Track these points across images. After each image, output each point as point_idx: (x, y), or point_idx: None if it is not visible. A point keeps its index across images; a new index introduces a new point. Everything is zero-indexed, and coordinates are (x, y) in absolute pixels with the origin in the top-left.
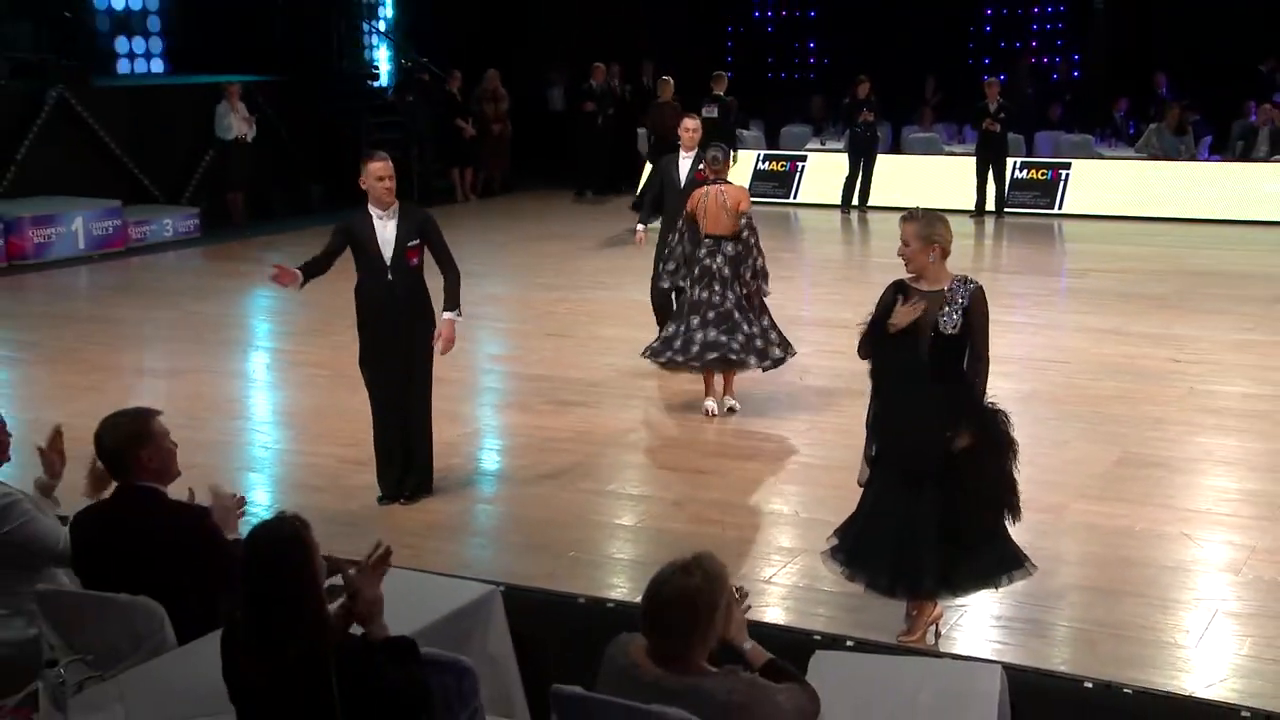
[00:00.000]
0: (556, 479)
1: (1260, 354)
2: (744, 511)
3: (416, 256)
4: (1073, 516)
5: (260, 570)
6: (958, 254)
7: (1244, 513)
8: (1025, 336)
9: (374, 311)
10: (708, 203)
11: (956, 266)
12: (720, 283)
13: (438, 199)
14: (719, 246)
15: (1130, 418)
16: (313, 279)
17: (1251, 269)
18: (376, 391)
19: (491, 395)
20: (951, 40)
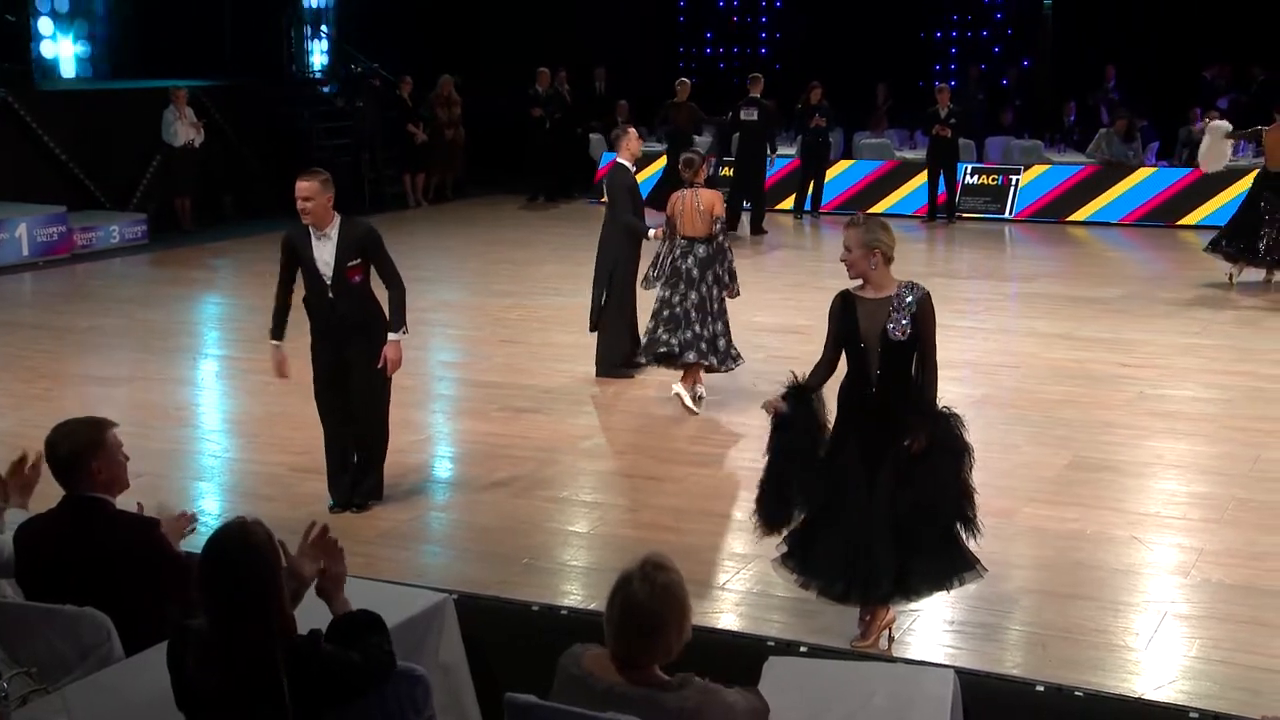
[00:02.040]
0: (510, 486)
1: (1207, 358)
2: (698, 518)
3: (358, 275)
4: (1024, 520)
5: (219, 576)
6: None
7: (1192, 515)
8: (976, 341)
9: (319, 328)
10: (684, 206)
11: (909, 271)
12: (687, 283)
13: (389, 204)
14: (692, 248)
15: (1081, 422)
16: (286, 319)
17: (1198, 273)
18: (323, 402)
19: (444, 402)
20: (903, 46)
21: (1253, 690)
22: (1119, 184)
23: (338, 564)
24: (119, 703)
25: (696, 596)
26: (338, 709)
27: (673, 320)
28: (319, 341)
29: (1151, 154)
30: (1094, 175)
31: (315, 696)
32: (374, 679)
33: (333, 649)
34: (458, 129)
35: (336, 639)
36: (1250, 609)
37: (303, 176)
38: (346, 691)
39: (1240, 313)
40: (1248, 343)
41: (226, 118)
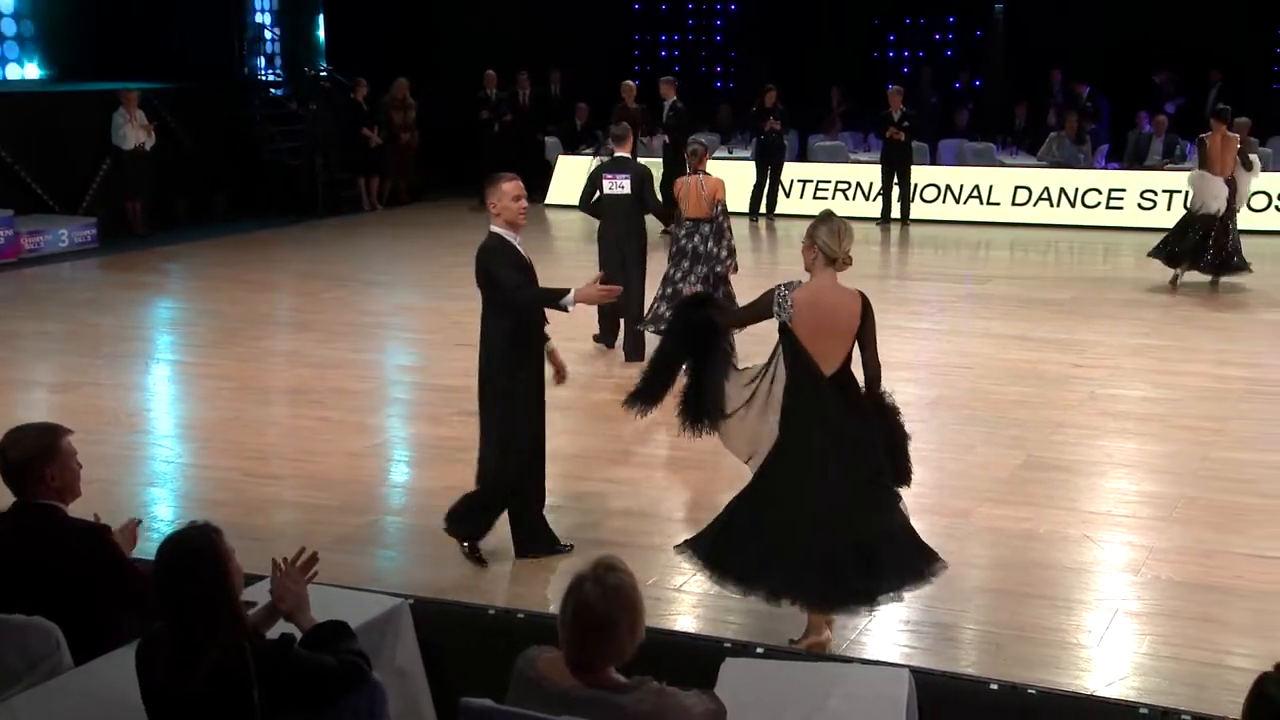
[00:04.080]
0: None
1: (1156, 358)
2: (656, 520)
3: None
4: (979, 520)
5: (175, 578)
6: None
7: (1142, 514)
8: (931, 342)
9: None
10: (689, 190)
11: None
12: (690, 259)
13: (344, 208)
14: (697, 228)
15: (1034, 422)
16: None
17: (1146, 275)
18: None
19: (400, 406)
20: (856, 50)
21: (1200, 685)
22: (1070, 186)
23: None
24: (68, 713)
25: (653, 599)
26: (310, 714)
27: (677, 295)
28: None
29: (1101, 156)
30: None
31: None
32: (349, 682)
33: (306, 653)
34: (412, 132)
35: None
36: (1198, 605)
37: (506, 179)
38: (322, 695)
39: (1187, 314)
40: (1194, 343)
41: (178, 120)
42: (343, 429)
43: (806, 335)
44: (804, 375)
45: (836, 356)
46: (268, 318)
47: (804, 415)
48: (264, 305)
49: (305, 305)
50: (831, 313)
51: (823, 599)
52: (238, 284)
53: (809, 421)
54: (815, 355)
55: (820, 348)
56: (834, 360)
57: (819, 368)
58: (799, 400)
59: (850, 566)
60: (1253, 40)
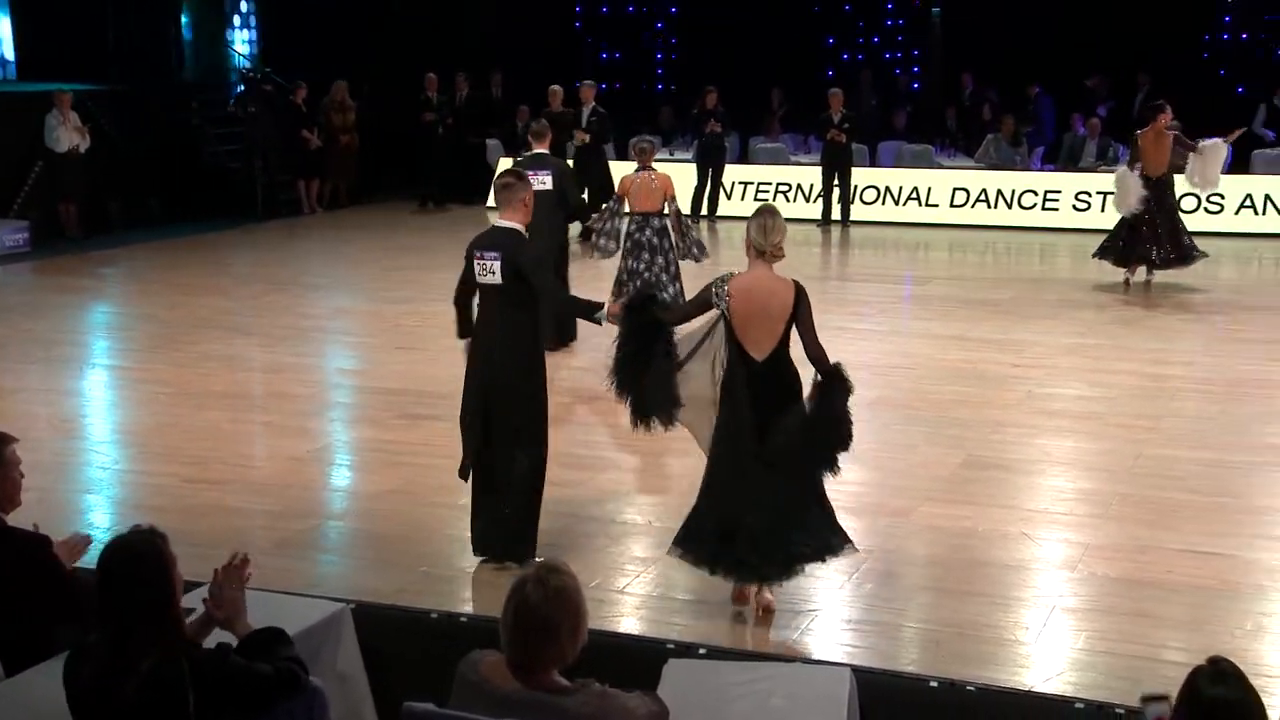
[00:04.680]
0: (408, 493)
1: (1092, 357)
2: (598, 523)
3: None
4: (920, 519)
5: (119, 583)
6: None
7: (1079, 511)
8: (872, 343)
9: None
10: (639, 185)
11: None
12: (650, 251)
13: (284, 211)
14: (647, 221)
15: (973, 421)
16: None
17: (1082, 276)
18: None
19: (341, 410)
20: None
21: (1135, 680)
22: (1007, 188)
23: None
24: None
25: (596, 601)
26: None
27: (647, 287)
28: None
29: (1037, 159)
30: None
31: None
32: (286, 689)
33: (242, 661)
34: (352, 135)
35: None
36: (1133, 601)
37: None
38: (259, 702)
39: (1121, 313)
40: (1129, 342)
41: (113, 123)
42: (283, 433)
43: (740, 322)
44: (736, 360)
45: (768, 342)
46: (206, 322)
47: (736, 396)
48: (202, 309)
49: (244, 309)
50: (764, 300)
51: (743, 570)
52: (175, 288)
53: (740, 402)
54: (747, 341)
55: (753, 333)
56: (766, 345)
57: (750, 353)
58: (733, 382)
59: (768, 538)
60: (1182, 44)
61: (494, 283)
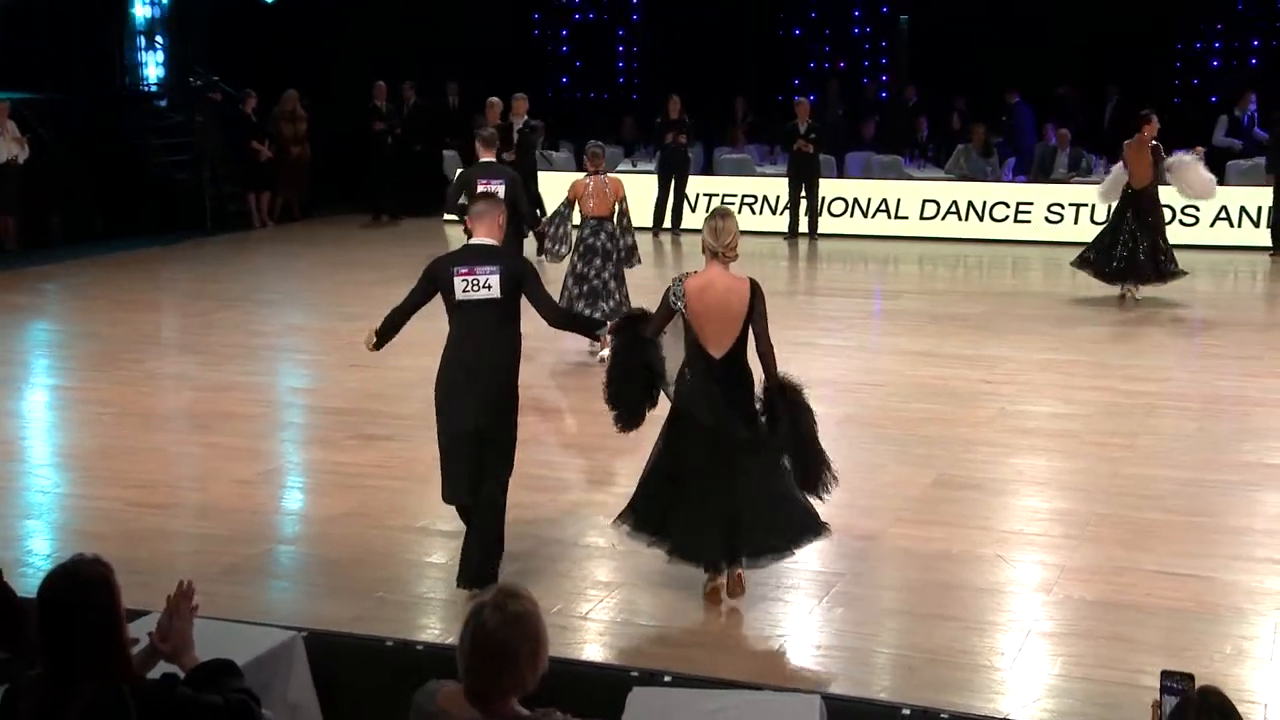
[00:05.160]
0: (363, 516)
1: (1064, 373)
2: (560, 546)
3: None
4: (890, 541)
5: (64, 612)
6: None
7: (1054, 532)
8: (840, 359)
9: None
10: (592, 190)
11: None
12: (601, 256)
13: (233, 225)
14: (601, 225)
15: (944, 439)
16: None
17: (1054, 289)
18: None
19: (293, 430)
20: (761, 60)
21: (1113, 705)
22: (978, 200)
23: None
24: None
25: (558, 627)
26: None
27: (593, 293)
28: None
29: (1009, 170)
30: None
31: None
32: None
33: (190, 692)
34: (303, 146)
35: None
36: (1110, 624)
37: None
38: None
39: (1095, 328)
40: (1103, 358)
41: (53, 132)
42: (232, 455)
43: (697, 320)
44: (694, 356)
45: (726, 339)
46: (152, 339)
47: (692, 393)
48: (147, 326)
49: (192, 326)
50: (722, 298)
51: (713, 558)
52: (119, 304)
53: (695, 399)
54: (705, 339)
55: (710, 331)
56: (723, 343)
57: (709, 350)
58: (690, 379)
59: (735, 528)
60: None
61: (490, 297)
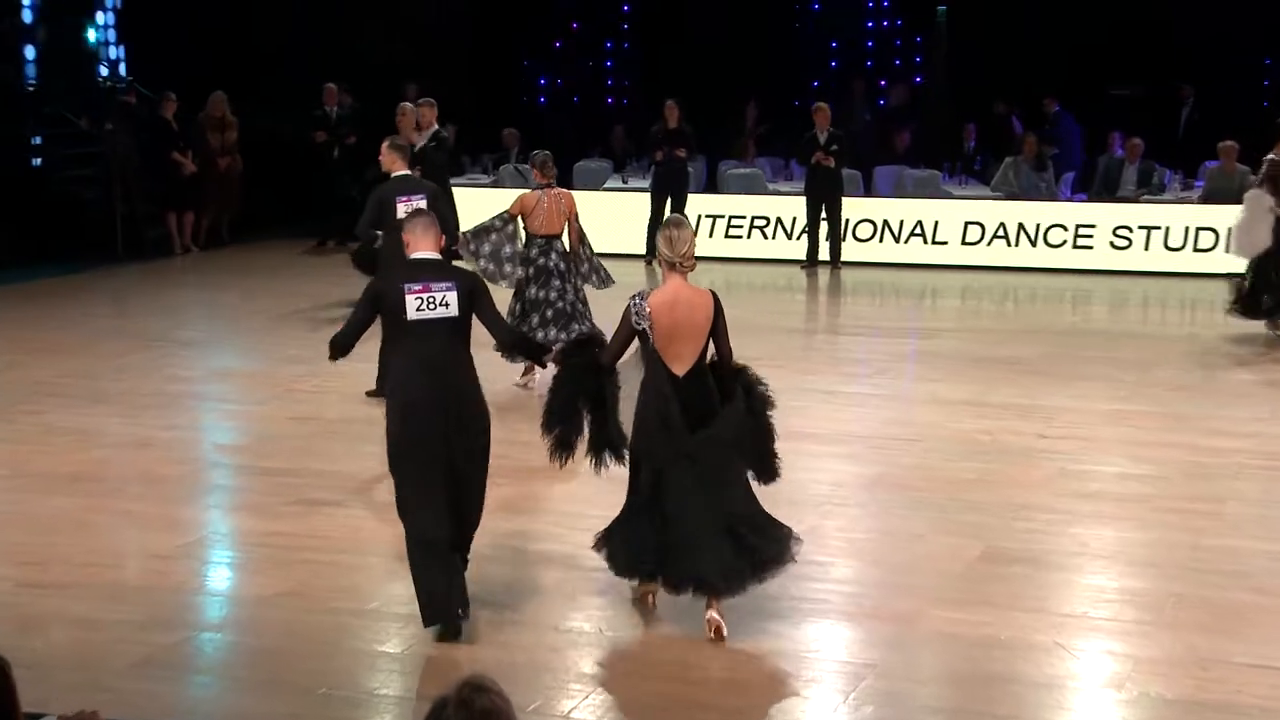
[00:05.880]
0: (304, 597)
1: (1136, 426)
2: (536, 630)
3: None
4: (929, 625)
5: None
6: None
7: (1125, 616)
8: (869, 410)
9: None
10: (541, 204)
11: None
12: (559, 278)
13: (150, 251)
14: (551, 245)
15: (993, 505)
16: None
17: (1124, 327)
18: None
19: (220, 495)
20: (775, 60)
21: None
22: (1030, 222)
23: None
24: None
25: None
26: None
27: (560, 316)
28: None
29: (1066, 185)
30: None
31: None
32: None
33: None
34: (234, 157)
35: None
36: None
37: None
38: None
39: (1171, 374)
40: (1181, 409)
41: None
42: (147, 524)
43: (663, 338)
44: (657, 376)
45: (690, 355)
46: (50, 388)
47: (654, 413)
48: (46, 371)
49: (100, 371)
50: (688, 313)
51: (696, 584)
52: (13, 344)
53: (659, 420)
54: (669, 356)
55: (675, 348)
56: (687, 359)
57: (672, 368)
58: (651, 399)
59: (710, 552)
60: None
61: (447, 315)
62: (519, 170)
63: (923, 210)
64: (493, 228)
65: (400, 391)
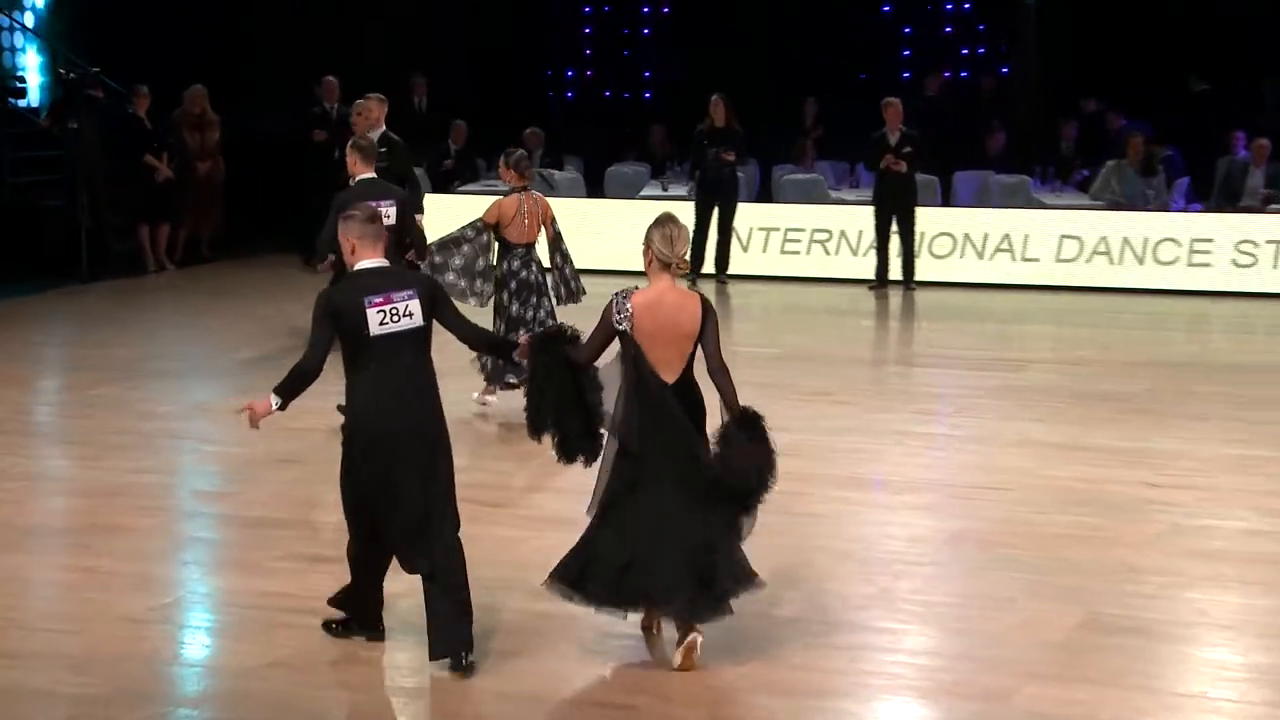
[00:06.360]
0: (295, 669)
1: (1265, 474)
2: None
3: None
4: (1022, 703)
5: None
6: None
7: (1252, 697)
8: (948, 455)
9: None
10: (520, 209)
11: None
12: (538, 293)
13: (119, 268)
14: (530, 254)
15: (1095, 565)
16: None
17: (1249, 359)
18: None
19: (200, 549)
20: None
21: None
22: (1137, 235)
23: None
24: None
25: None
26: None
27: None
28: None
29: (1180, 193)
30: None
31: None
32: None
33: None
34: (215, 161)
35: None
36: None
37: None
38: None
39: None
40: None
41: None
42: (115, 584)
43: (647, 341)
44: (643, 383)
45: (678, 362)
46: (3, 426)
47: (642, 425)
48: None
49: (63, 407)
50: (673, 316)
51: (671, 608)
52: None
53: (645, 431)
54: (656, 361)
55: (661, 353)
56: (675, 366)
57: (659, 375)
58: (637, 409)
59: (689, 574)
60: None
61: (412, 327)
62: (543, 176)
63: (1010, 222)
64: (463, 239)
65: (365, 421)
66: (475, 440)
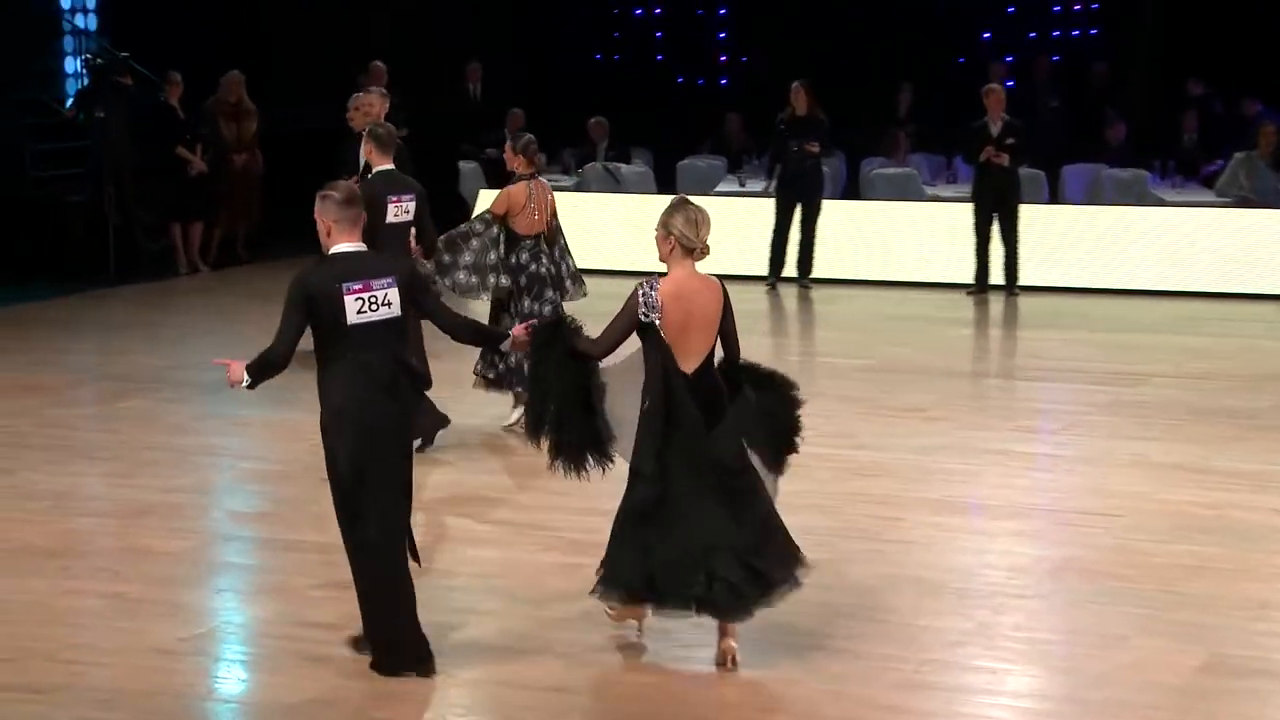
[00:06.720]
0: (337, 706)
1: None
2: None
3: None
4: None
5: None
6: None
7: None
8: (1054, 477)
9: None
10: (530, 199)
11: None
12: (551, 287)
13: (150, 269)
14: (539, 246)
15: (1218, 600)
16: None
17: None
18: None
19: (236, 576)
20: (934, 32)
21: None
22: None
23: None
24: None
25: None
26: None
27: (555, 313)
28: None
29: None
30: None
31: None
32: None
33: None
34: (253, 153)
35: None
36: None
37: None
38: None
39: None
40: None
41: None
42: (145, 612)
43: (673, 331)
44: (665, 374)
45: (700, 350)
46: (26, 440)
47: (679, 414)
48: (20, 420)
49: (87, 420)
50: (701, 304)
51: (711, 606)
52: None
53: (669, 424)
54: (679, 351)
55: (686, 342)
56: (697, 355)
57: (680, 365)
58: (659, 400)
59: (730, 569)
60: None
61: (390, 316)
62: (608, 170)
63: (1125, 220)
64: (472, 233)
65: (353, 408)
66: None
